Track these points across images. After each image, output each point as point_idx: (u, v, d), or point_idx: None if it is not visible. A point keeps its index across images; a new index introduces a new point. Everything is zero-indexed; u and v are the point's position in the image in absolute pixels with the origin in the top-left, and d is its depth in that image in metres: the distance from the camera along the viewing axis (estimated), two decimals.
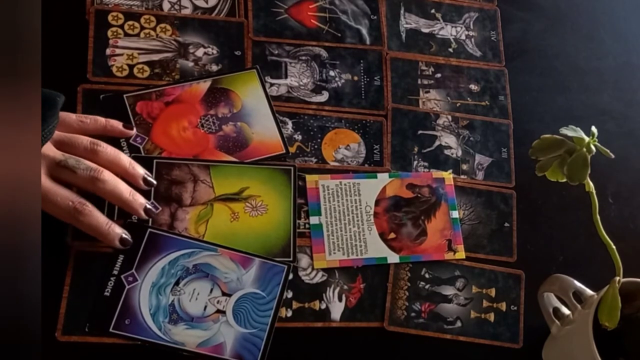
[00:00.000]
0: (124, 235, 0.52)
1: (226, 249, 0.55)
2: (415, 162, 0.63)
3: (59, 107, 0.49)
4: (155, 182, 0.55)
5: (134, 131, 0.56)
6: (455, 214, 0.62)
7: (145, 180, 0.54)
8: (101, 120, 0.55)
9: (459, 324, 0.58)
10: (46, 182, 0.49)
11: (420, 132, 0.64)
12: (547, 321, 0.57)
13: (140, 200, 0.52)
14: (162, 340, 0.51)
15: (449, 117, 0.65)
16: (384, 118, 0.64)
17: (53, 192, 0.49)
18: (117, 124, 0.55)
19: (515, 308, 0.60)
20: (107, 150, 0.52)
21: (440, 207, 0.61)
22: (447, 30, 0.69)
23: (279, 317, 0.54)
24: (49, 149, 0.50)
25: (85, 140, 0.52)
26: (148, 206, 0.53)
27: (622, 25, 0.76)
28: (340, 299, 0.57)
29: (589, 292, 0.53)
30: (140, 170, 0.54)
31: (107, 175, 0.51)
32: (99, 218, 0.50)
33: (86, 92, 0.58)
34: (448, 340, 0.58)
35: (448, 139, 0.65)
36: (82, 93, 0.58)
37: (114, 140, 0.56)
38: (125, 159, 0.53)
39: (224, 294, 0.54)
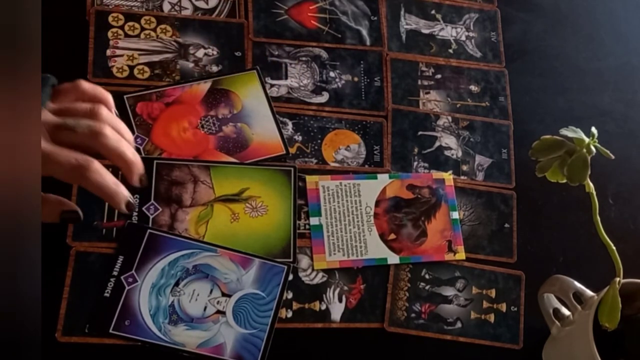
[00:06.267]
0: (130, 200, 0.47)
1: (226, 250, 0.55)
2: (416, 163, 0.63)
3: (49, 83, 0.46)
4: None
5: (117, 114, 0.52)
6: (455, 215, 0.62)
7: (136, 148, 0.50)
8: (99, 88, 0.50)
9: (459, 324, 0.58)
10: (46, 145, 0.45)
11: (420, 133, 0.64)
12: (547, 322, 0.57)
13: (140, 162, 0.48)
14: (162, 341, 0.51)
15: (449, 118, 0.65)
16: (384, 119, 0.64)
17: (55, 153, 0.44)
18: (112, 102, 0.50)
19: (516, 309, 0.60)
20: (110, 115, 0.48)
21: (440, 208, 0.61)
22: (447, 31, 0.69)
23: (279, 317, 0.54)
24: (46, 115, 0.46)
25: (85, 104, 0.48)
26: (143, 172, 0.48)
27: (622, 26, 0.76)
28: (340, 300, 0.57)
29: (589, 292, 0.53)
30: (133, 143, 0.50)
31: (109, 130, 0.46)
32: (107, 176, 0.46)
33: None
34: (448, 341, 0.58)
35: (448, 140, 0.65)
36: None
37: None
38: (125, 129, 0.49)
39: (223, 294, 0.54)
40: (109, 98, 0.50)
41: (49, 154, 0.45)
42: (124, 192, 0.47)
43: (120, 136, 0.47)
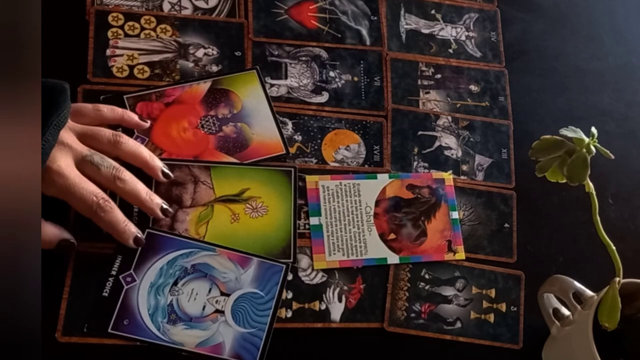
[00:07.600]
0: (138, 235, 0.52)
1: (224, 249, 0.55)
2: (415, 163, 0.63)
3: (68, 92, 0.49)
4: (172, 175, 0.55)
5: (148, 124, 0.57)
6: (455, 215, 0.62)
7: (163, 172, 0.55)
8: (118, 110, 0.55)
9: (458, 324, 0.58)
10: (74, 174, 0.49)
11: (420, 132, 0.64)
12: (547, 322, 0.57)
13: (156, 200, 0.53)
14: (161, 340, 0.51)
15: (449, 118, 0.65)
16: (384, 119, 0.64)
17: (80, 186, 0.49)
18: (134, 116, 0.56)
19: (515, 309, 0.60)
20: (129, 142, 0.53)
21: (440, 208, 0.61)
22: (447, 31, 0.69)
23: (278, 317, 0.54)
24: (75, 142, 0.50)
25: (108, 132, 0.53)
26: (164, 206, 0.53)
27: (622, 26, 0.76)
28: (340, 300, 0.57)
29: (589, 292, 0.53)
30: (159, 163, 0.55)
31: (127, 175, 0.51)
32: (118, 216, 0.51)
33: (86, 93, 0.58)
34: (448, 341, 0.58)
35: (448, 140, 0.65)
36: (82, 94, 0.58)
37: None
38: (145, 152, 0.54)
39: (222, 293, 0.54)
40: (126, 115, 0.54)
41: (75, 185, 0.49)
42: (132, 229, 0.52)
43: (136, 179, 0.52)
